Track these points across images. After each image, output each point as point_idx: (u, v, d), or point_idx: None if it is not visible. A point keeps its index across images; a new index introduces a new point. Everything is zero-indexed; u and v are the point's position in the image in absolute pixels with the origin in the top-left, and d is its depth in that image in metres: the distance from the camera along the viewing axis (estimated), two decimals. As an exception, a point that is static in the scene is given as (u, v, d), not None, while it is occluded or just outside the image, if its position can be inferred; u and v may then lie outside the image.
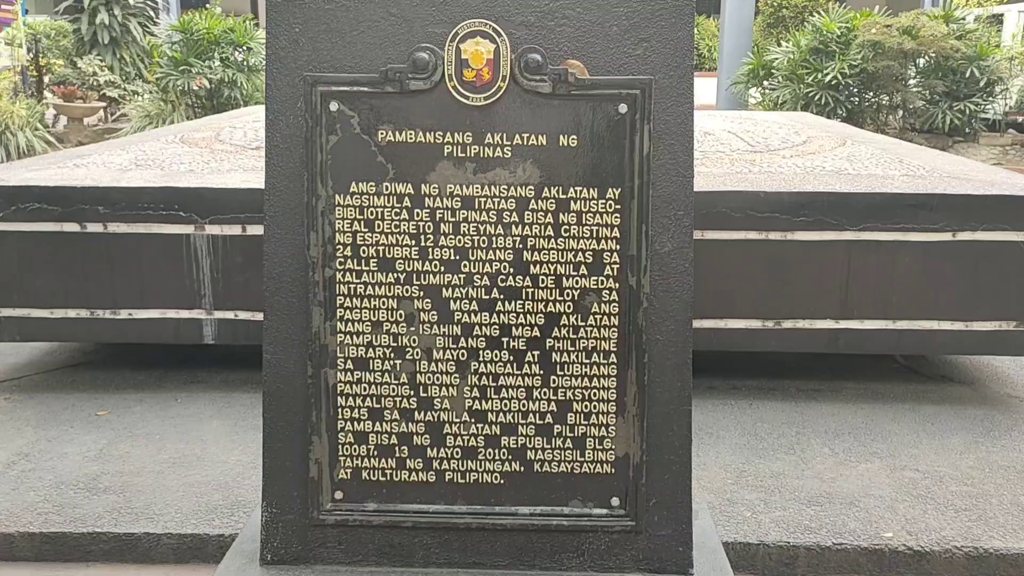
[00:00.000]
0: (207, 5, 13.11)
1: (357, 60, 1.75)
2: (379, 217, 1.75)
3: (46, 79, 13.25)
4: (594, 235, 1.74)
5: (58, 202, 2.98)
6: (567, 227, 1.74)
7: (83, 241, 3.01)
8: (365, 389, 1.79)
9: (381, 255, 1.76)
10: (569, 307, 1.76)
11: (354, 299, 1.77)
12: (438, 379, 1.79)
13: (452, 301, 1.77)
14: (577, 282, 1.76)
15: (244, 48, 11.77)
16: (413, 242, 1.75)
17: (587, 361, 1.77)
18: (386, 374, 1.79)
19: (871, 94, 11.13)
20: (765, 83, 12.19)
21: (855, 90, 10.99)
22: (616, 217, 1.74)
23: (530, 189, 1.74)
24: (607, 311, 1.76)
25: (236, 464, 2.66)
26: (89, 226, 2.99)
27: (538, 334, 1.77)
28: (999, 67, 10.92)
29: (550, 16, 1.74)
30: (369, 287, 1.77)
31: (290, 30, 1.76)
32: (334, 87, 1.74)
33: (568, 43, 1.74)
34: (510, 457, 1.79)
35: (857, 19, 11.16)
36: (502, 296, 1.76)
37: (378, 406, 1.79)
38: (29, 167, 3.46)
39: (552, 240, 1.75)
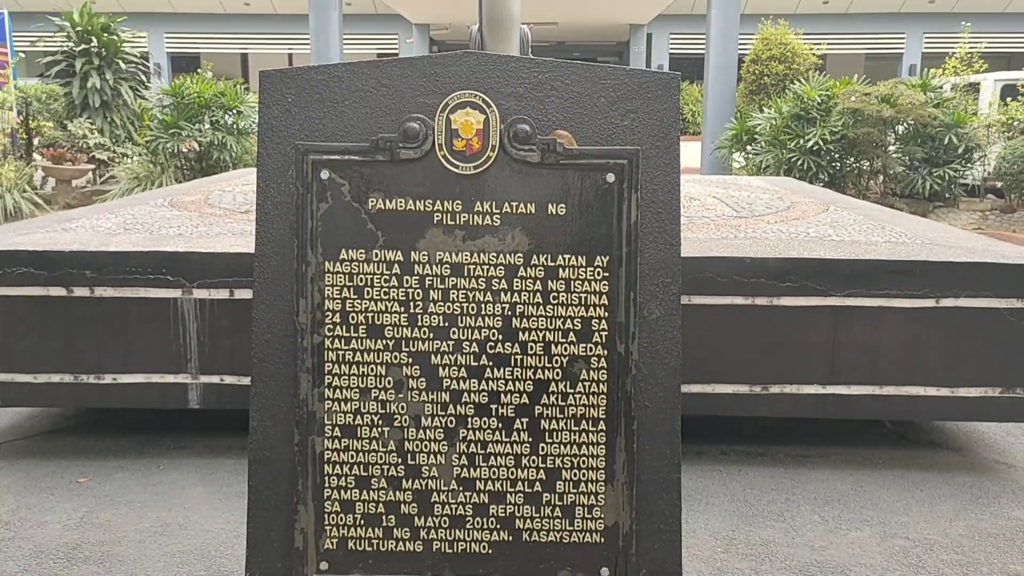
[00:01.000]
0: (198, 70, 13.28)
1: (348, 129, 1.78)
2: (368, 284, 1.76)
3: (35, 141, 13.32)
4: (583, 302, 1.75)
5: (45, 266, 2.97)
6: (556, 294, 1.75)
7: (69, 305, 3.00)
8: (352, 457, 1.77)
9: (370, 322, 1.76)
10: (558, 374, 1.76)
11: (342, 366, 1.77)
12: (426, 446, 1.78)
13: (441, 368, 1.77)
14: (566, 349, 1.76)
15: (234, 111, 11.90)
16: (402, 309, 1.76)
17: (576, 428, 1.77)
18: (374, 441, 1.77)
19: (852, 159, 11.31)
20: (748, 148, 12.39)
21: (836, 155, 11.18)
22: (604, 284, 1.75)
23: (519, 257, 1.75)
24: (596, 378, 1.76)
25: (219, 533, 2.61)
26: (76, 290, 2.98)
27: (527, 401, 1.77)
28: (976, 134, 11.15)
29: (539, 88, 1.77)
30: (358, 354, 1.76)
31: (283, 100, 1.79)
32: (325, 156, 1.76)
33: (557, 114, 1.77)
34: (498, 526, 1.77)
35: (837, 87, 11.40)
36: (491, 363, 1.76)
37: (365, 474, 1.77)
38: (17, 231, 3.46)
39: (541, 307, 1.75)
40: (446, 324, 1.76)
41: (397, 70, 1.79)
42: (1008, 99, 12.47)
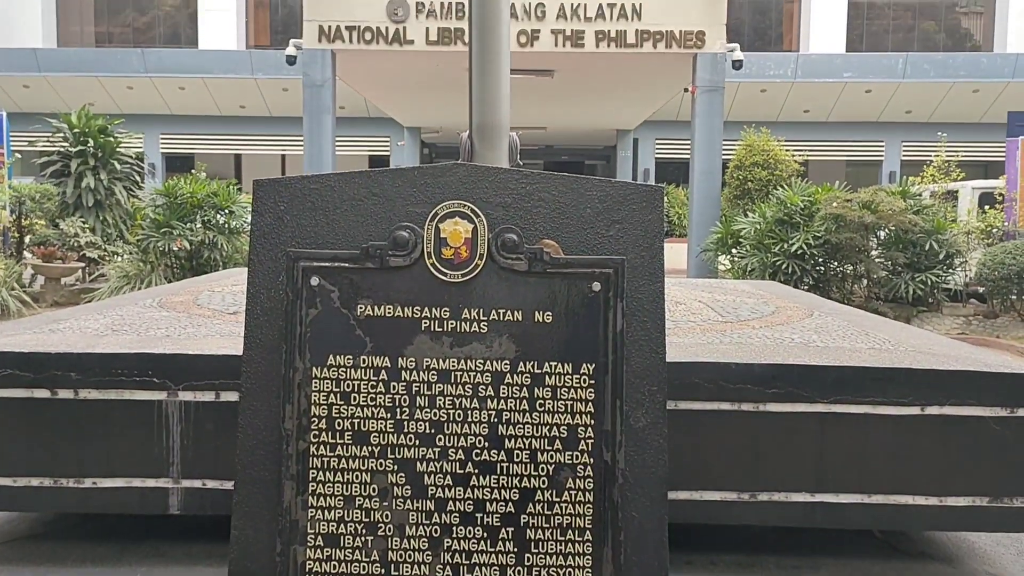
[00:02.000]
0: (192, 170, 13.49)
1: (339, 237, 1.81)
2: (355, 390, 1.76)
3: (27, 239, 13.40)
4: (569, 410, 1.76)
5: (30, 368, 2.95)
6: (542, 401, 1.76)
7: (53, 407, 2.97)
8: (335, 567, 1.74)
9: (356, 428, 1.76)
10: (544, 482, 1.75)
11: (327, 473, 1.75)
12: (410, 556, 1.75)
13: (426, 475, 1.76)
14: (552, 457, 1.76)
15: (226, 211, 12.04)
16: (389, 415, 1.76)
17: (562, 538, 1.75)
18: (357, 551, 1.75)
19: (836, 264, 11.48)
20: (734, 251, 12.57)
21: (820, 260, 11.35)
22: (591, 392, 1.76)
23: (506, 363, 1.77)
24: (582, 487, 1.75)
25: (194, 645, 2.53)
26: (60, 392, 2.96)
27: (512, 510, 1.76)
28: (956, 241, 11.36)
29: (527, 198, 1.81)
30: (343, 460, 1.75)
31: (275, 208, 1.83)
32: (316, 263, 1.79)
33: (544, 223, 1.81)
34: (483, 641, 1.73)
35: (819, 193, 11.66)
36: (477, 471, 1.75)
37: (347, 585, 1.74)
38: (5, 332, 3.46)
39: (527, 414, 1.76)
40: (432, 431, 1.76)
41: (388, 180, 1.84)
42: (986, 207, 12.76)
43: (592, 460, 1.76)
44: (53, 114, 14.23)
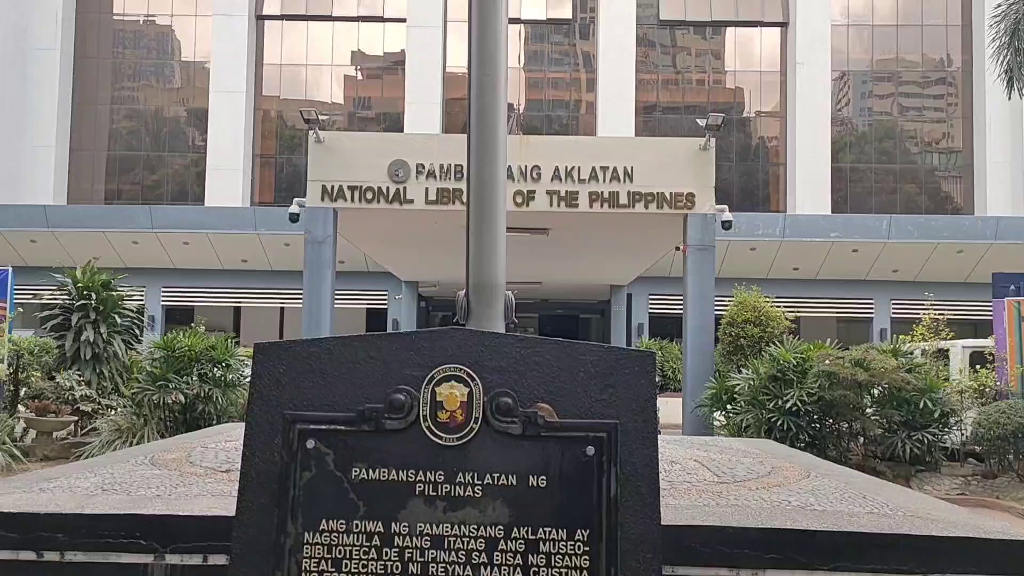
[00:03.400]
0: (191, 324, 13.60)
1: (336, 399, 1.84)
2: (347, 556, 1.74)
3: (22, 392, 13.34)
4: (563, 578, 1.74)
5: (17, 529, 2.90)
6: (536, 569, 1.74)
7: (37, 570, 2.89)
8: None
9: (347, 597, 1.73)
10: (538, 655, 1.71)
11: (315, 645, 1.71)
12: None
13: (417, 647, 1.72)
14: (546, 628, 1.72)
15: (223, 364, 12.05)
16: (380, 583, 1.73)
17: None
18: None
19: (831, 421, 11.42)
20: (728, 407, 12.53)
21: (815, 416, 11.30)
22: (585, 559, 1.75)
23: (500, 529, 1.76)
24: (577, 660, 1.71)
25: None
26: (46, 554, 2.90)
27: None
28: (950, 399, 11.35)
29: (522, 362, 1.86)
30: (332, 632, 1.72)
31: (274, 371, 1.86)
32: (312, 425, 1.81)
33: (538, 387, 1.85)
34: None
35: (811, 351, 11.74)
36: (469, 643, 1.71)
37: None
38: (-6, 490, 3.42)
39: (521, 583, 1.73)
40: (424, 600, 1.73)
41: (386, 343, 1.89)
42: (977, 366, 12.83)
43: (587, 631, 1.72)
44: (59, 268, 14.46)
